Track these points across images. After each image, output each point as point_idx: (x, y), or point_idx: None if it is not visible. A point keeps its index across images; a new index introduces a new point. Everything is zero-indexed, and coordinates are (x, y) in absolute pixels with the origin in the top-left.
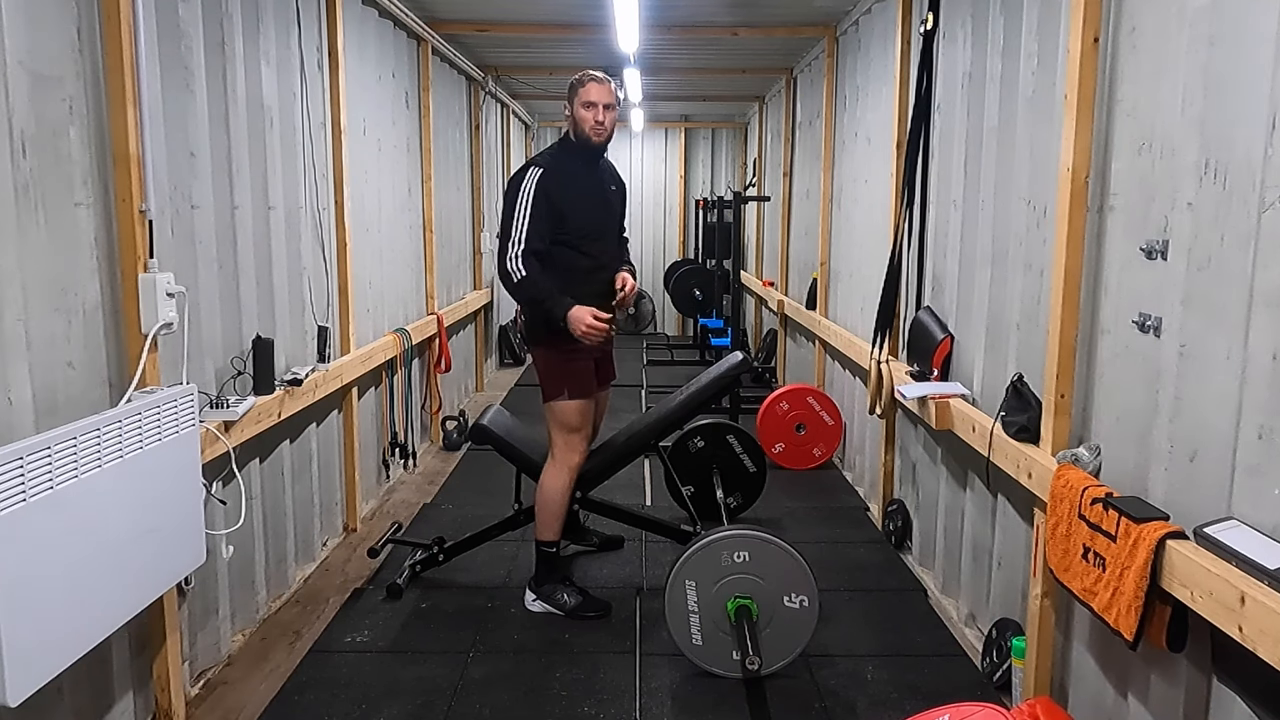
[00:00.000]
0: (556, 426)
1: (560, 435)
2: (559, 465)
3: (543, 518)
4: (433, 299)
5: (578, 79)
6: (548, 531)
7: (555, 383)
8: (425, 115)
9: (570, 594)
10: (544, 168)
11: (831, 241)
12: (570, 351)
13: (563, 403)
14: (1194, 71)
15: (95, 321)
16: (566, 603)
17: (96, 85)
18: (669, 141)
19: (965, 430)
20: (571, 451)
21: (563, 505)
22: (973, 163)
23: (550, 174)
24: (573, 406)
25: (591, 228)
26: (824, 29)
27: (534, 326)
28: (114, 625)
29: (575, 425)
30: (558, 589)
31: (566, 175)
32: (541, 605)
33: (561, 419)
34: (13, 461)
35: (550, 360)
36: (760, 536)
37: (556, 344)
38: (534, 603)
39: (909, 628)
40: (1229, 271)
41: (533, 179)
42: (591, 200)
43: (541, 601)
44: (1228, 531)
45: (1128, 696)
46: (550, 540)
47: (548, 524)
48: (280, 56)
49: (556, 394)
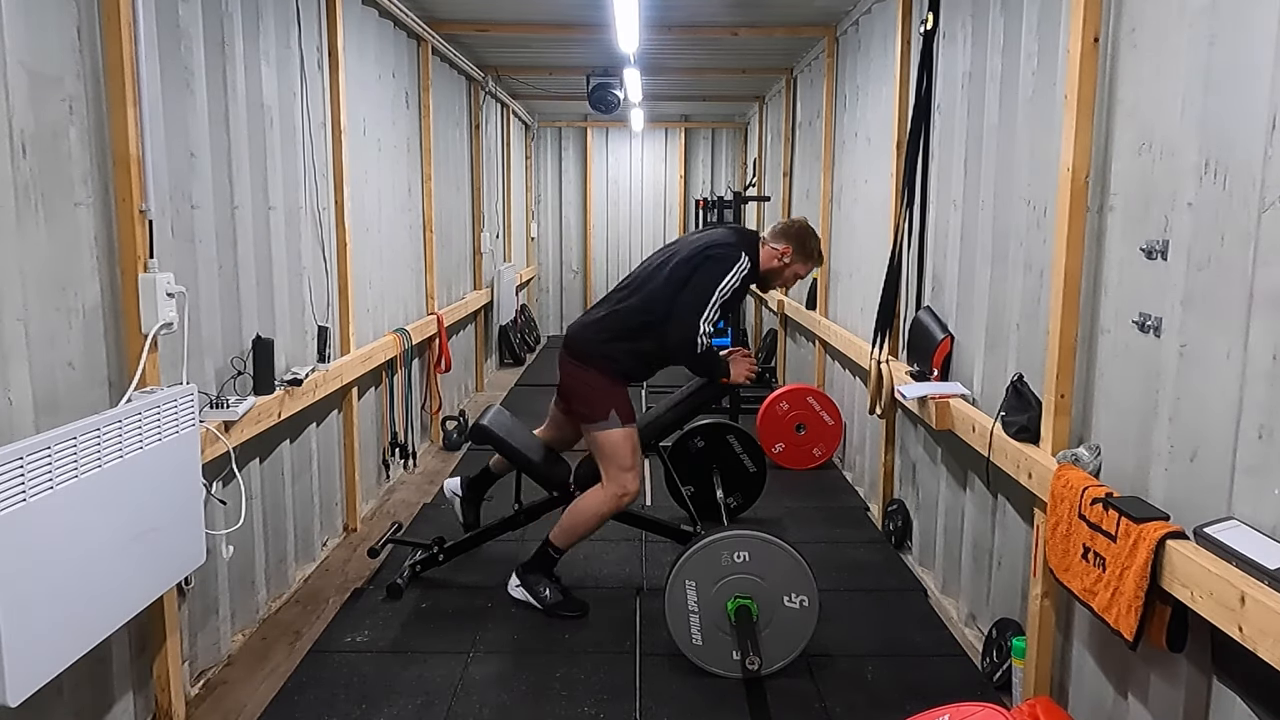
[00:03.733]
0: (607, 459)
1: (611, 465)
2: (609, 494)
3: (567, 526)
4: (433, 299)
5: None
6: (564, 539)
7: (601, 404)
8: (425, 115)
9: (553, 591)
10: (750, 267)
11: (831, 241)
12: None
13: (610, 432)
14: (1194, 71)
15: (95, 321)
16: (547, 598)
17: (96, 85)
18: (669, 141)
19: (965, 430)
20: (624, 485)
21: (593, 528)
22: (973, 163)
23: (749, 277)
24: (621, 436)
25: (722, 363)
26: (824, 29)
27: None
28: (114, 625)
29: (627, 463)
30: (543, 582)
31: (744, 287)
32: (523, 593)
33: (611, 452)
34: (13, 461)
35: (597, 382)
36: (760, 536)
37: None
38: (516, 588)
39: (909, 628)
40: (1229, 271)
41: (741, 271)
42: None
43: (524, 589)
44: (1228, 531)
45: (1128, 696)
46: (561, 548)
47: (570, 534)
48: (280, 56)
49: (602, 415)
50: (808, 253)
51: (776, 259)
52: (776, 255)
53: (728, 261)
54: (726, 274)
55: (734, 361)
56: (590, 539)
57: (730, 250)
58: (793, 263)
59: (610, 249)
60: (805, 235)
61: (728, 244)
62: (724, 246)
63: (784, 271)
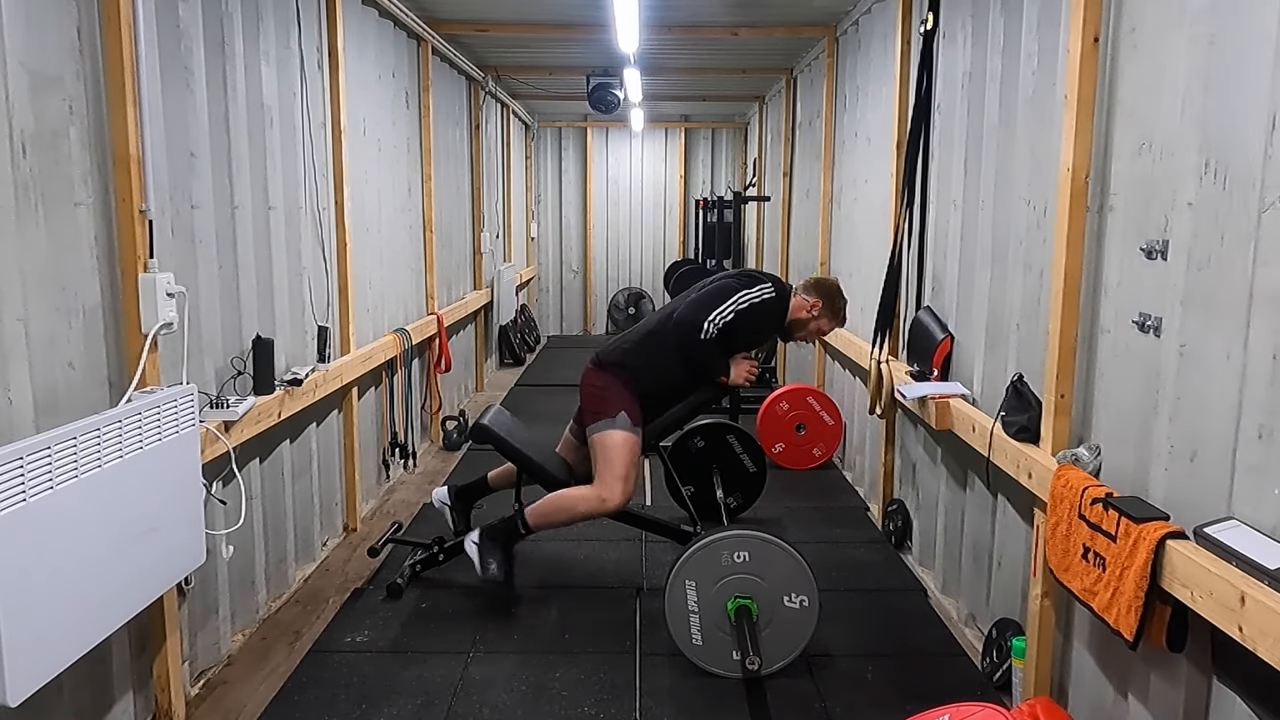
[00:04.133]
0: (604, 463)
1: (606, 469)
2: (593, 495)
3: (545, 510)
4: (433, 299)
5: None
6: (537, 521)
7: (614, 403)
8: (425, 115)
9: (501, 567)
10: (775, 299)
11: (831, 241)
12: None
13: (614, 433)
14: (1194, 71)
15: (95, 321)
16: (490, 569)
17: (96, 85)
18: (669, 141)
19: (965, 430)
20: (612, 492)
21: (565, 523)
22: (973, 163)
23: (771, 310)
24: (623, 439)
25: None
26: (824, 29)
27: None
28: (114, 625)
29: (621, 470)
30: (497, 553)
31: (767, 322)
32: (475, 551)
33: (609, 455)
34: (13, 461)
35: (614, 385)
36: (760, 536)
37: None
38: (471, 545)
39: (909, 628)
40: (1229, 271)
41: (764, 295)
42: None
43: (477, 549)
44: (1228, 531)
45: (1128, 696)
46: (530, 529)
47: (542, 519)
48: (280, 56)
49: (611, 413)
50: (835, 310)
51: (805, 310)
52: (805, 306)
53: (752, 283)
54: (748, 289)
55: (734, 362)
56: (590, 539)
57: (758, 279)
58: (820, 317)
59: (610, 249)
60: (835, 294)
61: (757, 275)
62: (751, 276)
63: (809, 324)
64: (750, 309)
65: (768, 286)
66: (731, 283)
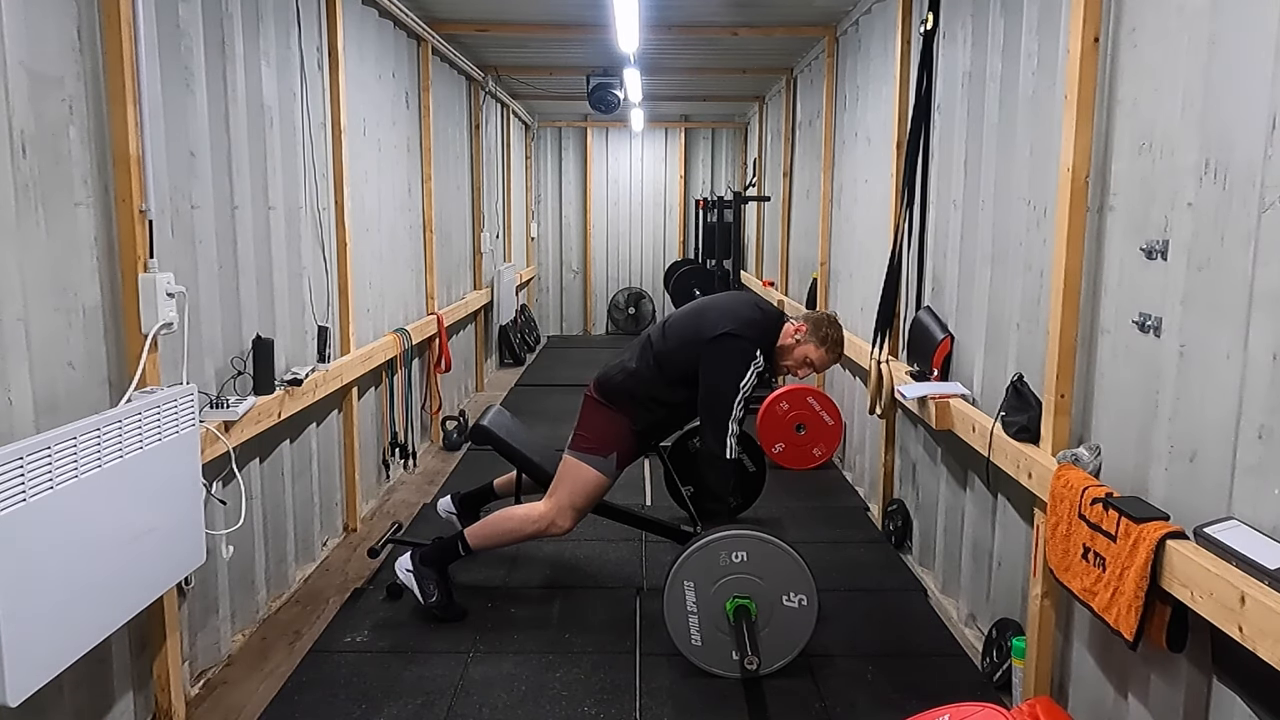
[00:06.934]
0: (565, 487)
1: (566, 495)
2: (541, 516)
3: (488, 531)
4: (433, 299)
5: (834, 340)
6: (479, 542)
7: (610, 443)
8: (425, 115)
9: (441, 592)
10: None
11: (831, 241)
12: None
13: (592, 469)
14: (1194, 71)
15: (95, 321)
16: (431, 595)
17: (96, 85)
18: (669, 141)
19: (965, 430)
20: (562, 518)
21: (508, 544)
22: (973, 163)
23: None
24: (596, 478)
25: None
26: (824, 29)
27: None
28: (114, 625)
29: (580, 503)
30: (434, 580)
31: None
32: (409, 579)
33: (575, 485)
34: (13, 461)
35: (618, 423)
36: (758, 536)
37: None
38: (405, 572)
39: (909, 628)
40: (1229, 271)
41: (758, 367)
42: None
43: (413, 577)
44: (1228, 531)
45: (1128, 696)
46: (471, 551)
47: (485, 539)
48: (280, 56)
49: (603, 451)
50: (821, 336)
51: (790, 335)
52: (791, 331)
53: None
54: (747, 367)
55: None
56: (590, 539)
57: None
58: (804, 341)
59: (610, 249)
60: (823, 321)
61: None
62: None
63: (794, 350)
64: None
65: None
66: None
